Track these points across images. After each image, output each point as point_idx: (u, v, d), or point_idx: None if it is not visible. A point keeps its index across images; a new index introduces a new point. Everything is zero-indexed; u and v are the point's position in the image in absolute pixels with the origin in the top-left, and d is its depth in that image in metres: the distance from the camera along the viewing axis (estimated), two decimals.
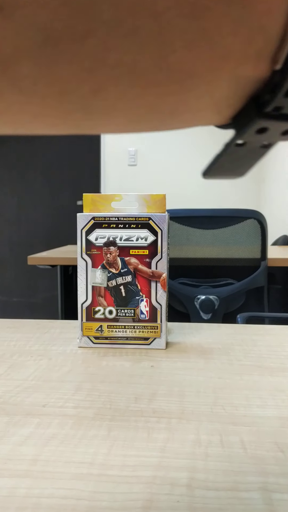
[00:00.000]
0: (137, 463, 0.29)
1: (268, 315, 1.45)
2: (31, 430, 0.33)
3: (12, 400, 0.38)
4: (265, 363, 0.47)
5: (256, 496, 0.25)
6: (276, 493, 0.26)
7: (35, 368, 0.46)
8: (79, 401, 0.38)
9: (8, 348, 0.53)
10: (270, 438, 0.32)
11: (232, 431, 0.33)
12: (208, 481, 0.27)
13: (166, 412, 0.36)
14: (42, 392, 0.40)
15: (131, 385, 0.41)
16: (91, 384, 0.41)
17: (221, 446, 0.31)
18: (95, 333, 0.53)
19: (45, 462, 0.29)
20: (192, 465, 0.28)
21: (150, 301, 0.53)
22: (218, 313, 1.56)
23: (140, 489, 0.26)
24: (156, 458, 0.29)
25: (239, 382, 0.42)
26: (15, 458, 0.29)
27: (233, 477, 0.27)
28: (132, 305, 0.53)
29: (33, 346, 0.53)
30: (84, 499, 0.25)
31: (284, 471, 0.28)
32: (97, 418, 0.35)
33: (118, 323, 0.53)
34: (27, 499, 0.25)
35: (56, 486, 0.26)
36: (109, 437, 0.32)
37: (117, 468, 0.28)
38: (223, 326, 0.64)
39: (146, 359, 0.49)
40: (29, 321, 0.66)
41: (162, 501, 0.25)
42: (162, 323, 0.53)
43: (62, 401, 0.38)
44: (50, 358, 0.49)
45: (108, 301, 0.53)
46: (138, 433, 0.32)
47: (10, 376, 0.43)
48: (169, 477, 0.27)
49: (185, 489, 0.26)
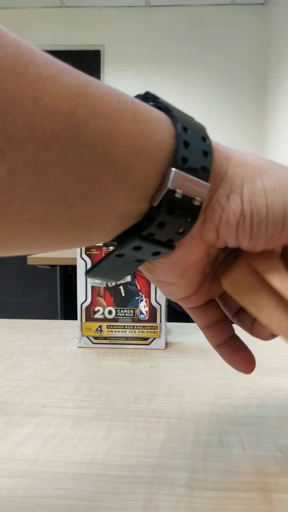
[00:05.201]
0: (137, 463, 0.29)
1: None
2: (30, 430, 0.33)
3: (12, 400, 0.38)
4: (265, 363, 0.47)
5: (256, 496, 0.25)
6: (275, 493, 0.26)
7: (34, 368, 0.46)
8: (79, 401, 0.38)
9: (8, 348, 0.53)
10: (269, 438, 0.32)
11: (231, 431, 0.33)
12: (208, 481, 0.27)
13: (165, 412, 0.36)
14: (42, 392, 0.40)
15: (130, 385, 0.41)
16: (90, 384, 0.41)
17: (221, 446, 0.31)
18: (95, 333, 0.53)
19: (44, 462, 0.29)
20: (191, 465, 0.28)
21: (149, 301, 0.53)
22: None
23: (140, 489, 0.26)
24: (155, 458, 0.29)
25: (238, 382, 0.42)
26: (14, 458, 0.29)
27: (233, 477, 0.27)
28: (131, 305, 0.53)
29: (33, 346, 0.53)
30: (84, 499, 0.25)
31: (283, 471, 0.28)
32: (96, 418, 0.35)
33: (117, 323, 0.53)
34: (26, 499, 0.25)
35: (56, 486, 0.26)
36: (109, 437, 0.32)
37: (116, 468, 0.28)
38: None
39: (146, 359, 0.49)
40: (28, 321, 0.65)
41: (161, 501, 0.25)
42: (161, 323, 0.53)
43: (62, 401, 0.38)
44: (50, 358, 0.49)
45: (107, 301, 0.53)
46: (137, 433, 0.32)
47: (9, 376, 0.43)
48: (169, 477, 0.27)
49: (184, 489, 0.26)
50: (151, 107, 0.18)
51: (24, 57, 0.13)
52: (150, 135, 0.17)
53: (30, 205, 0.15)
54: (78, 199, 0.16)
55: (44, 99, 0.14)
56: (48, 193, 0.15)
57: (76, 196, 0.15)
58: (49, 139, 0.14)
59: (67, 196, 0.15)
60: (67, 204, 0.15)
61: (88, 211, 0.16)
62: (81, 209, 0.16)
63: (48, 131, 0.14)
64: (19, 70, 0.13)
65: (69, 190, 0.15)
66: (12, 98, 0.13)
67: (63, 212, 0.16)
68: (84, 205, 0.16)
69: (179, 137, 0.18)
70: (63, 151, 0.14)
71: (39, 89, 0.14)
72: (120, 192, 0.17)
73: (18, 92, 0.13)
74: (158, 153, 0.17)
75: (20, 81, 0.13)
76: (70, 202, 0.15)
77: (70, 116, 0.14)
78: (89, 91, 0.15)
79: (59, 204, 0.15)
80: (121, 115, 0.16)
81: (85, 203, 0.16)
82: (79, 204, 0.16)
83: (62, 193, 0.15)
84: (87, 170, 0.15)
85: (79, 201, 0.16)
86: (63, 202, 0.15)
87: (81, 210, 0.16)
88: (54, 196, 0.15)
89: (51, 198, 0.15)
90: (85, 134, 0.15)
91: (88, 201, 0.16)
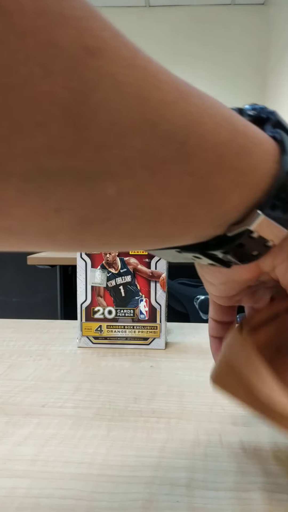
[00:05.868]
0: (137, 463, 0.29)
1: None
2: (30, 430, 0.33)
3: (12, 400, 0.38)
4: None
5: (256, 496, 0.25)
6: (275, 493, 0.26)
7: (34, 368, 0.46)
8: (79, 401, 0.38)
9: (8, 348, 0.52)
10: (269, 438, 0.32)
11: (231, 431, 0.33)
12: (208, 481, 0.27)
13: (165, 412, 0.36)
14: (42, 392, 0.40)
15: (130, 385, 0.41)
16: (90, 384, 0.41)
17: (221, 446, 0.31)
18: (95, 333, 0.53)
19: (44, 462, 0.29)
20: (191, 465, 0.28)
21: (149, 301, 0.53)
22: None
23: (140, 489, 0.26)
24: (155, 458, 0.29)
25: None
26: (14, 458, 0.29)
27: (233, 477, 0.27)
28: (131, 305, 0.53)
29: (33, 346, 0.53)
30: (84, 499, 0.25)
31: (283, 471, 0.28)
32: (96, 418, 0.35)
33: (117, 323, 0.53)
34: (26, 499, 0.25)
35: (56, 486, 0.26)
36: (109, 437, 0.32)
37: (116, 468, 0.28)
38: None
39: (146, 359, 0.49)
40: (28, 321, 0.65)
41: (161, 501, 0.25)
42: (161, 323, 0.53)
43: (62, 401, 0.38)
44: (50, 358, 0.49)
45: (107, 301, 0.53)
46: (137, 433, 0.32)
47: (9, 376, 0.43)
48: (169, 477, 0.27)
49: (184, 489, 0.26)
50: (262, 137, 0.18)
51: (150, 81, 0.13)
52: (250, 173, 0.17)
53: (125, 222, 0.15)
54: (168, 221, 0.16)
55: (161, 126, 0.14)
56: (144, 213, 0.15)
57: (167, 218, 0.16)
58: (158, 165, 0.14)
59: (159, 217, 0.16)
60: (156, 224, 0.16)
61: (172, 231, 0.17)
62: (167, 229, 0.17)
63: (159, 158, 0.14)
64: (145, 96, 0.13)
65: (162, 213, 0.16)
66: (134, 123, 0.13)
67: (151, 230, 0.17)
68: (170, 226, 0.17)
69: (277, 181, 0.18)
70: (168, 178, 0.15)
71: (159, 116, 0.14)
72: (206, 218, 0.17)
73: (141, 118, 0.13)
74: (252, 192, 0.18)
75: (144, 107, 0.13)
76: (160, 222, 0.16)
77: (182, 146, 0.14)
78: (204, 119, 0.15)
79: (150, 223, 0.16)
80: (228, 150, 0.16)
81: (172, 224, 0.17)
82: (167, 225, 0.17)
83: (155, 214, 0.16)
84: (184, 197, 0.16)
85: (168, 222, 0.17)
86: (154, 222, 0.16)
87: (167, 230, 0.17)
88: (148, 216, 0.16)
89: (145, 218, 0.16)
90: (191, 164, 0.15)
91: (175, 224, 0.17)
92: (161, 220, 0.16)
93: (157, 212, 0.16)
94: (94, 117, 0.12)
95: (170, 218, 0.16)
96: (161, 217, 0.16)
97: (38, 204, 0.13)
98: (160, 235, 0.17)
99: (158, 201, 0.15)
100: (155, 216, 0.16)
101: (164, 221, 0.16)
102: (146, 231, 0.17)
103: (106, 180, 0.13)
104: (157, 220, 0.16)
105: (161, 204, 0.15)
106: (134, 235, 0.17)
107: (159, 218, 0.16)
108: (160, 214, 0.16)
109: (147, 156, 0.14)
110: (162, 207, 0.16)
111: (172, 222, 0.17)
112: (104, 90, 0.12)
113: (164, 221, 0.16)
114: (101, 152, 0.13)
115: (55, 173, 0.12)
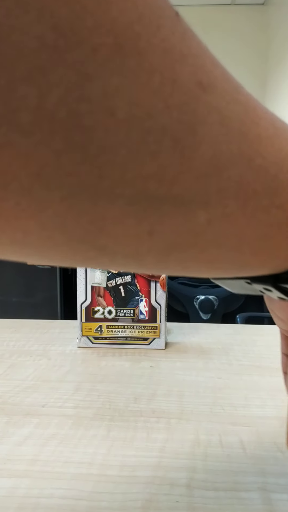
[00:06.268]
0: (137, 463, 0.29)
1: (267, 315, 1.44)
2: (30, 430, 0.33)
3: (12, 400, 0.38)
4: (265, 363, 0.47)
5: (255, 496, 0.25)
6: (275, 493, 0.26)
7: (34, 368, 0.46)
8: (79, 401, 0.38)
9: (8, 348, 0.53)
10: (269, 438, 0.32)
11: (231, 431, 0.33)
12: (208, 481, 0.27)
13: (165, 412, 0.36)
14: (42, 392, 0.40)
15: (130, 385, 0.41)
16: (90, 384, 0.41)
17: (221, 446, 0.31)
18: (95, 333, 0.53)
19: (44, 462, 0.29)
20: (191, 465, 0.28)
21: (149, 301, 0.53)
22: (218, 313, 1.56)
23: (140, 489, 0.26)
24: (155, 458, 0.29)
25: (238, 382, 0.42)
26: (14, 458, 0.29)
27: (232, 477, 0.27)
28: (131, 305, 0.53)
29: (33, 346, 0.53)
30: (84, 499, 0.25)
31: (283, 471, 0.28)
32: (96, 418, 0.35)
33: (117, 323, 0.53)
34: (26, 499, 0.25)
35: (56, 486, 0.26)
36: (109, 437, 0.32)
37: (116, 468, 0.28)
38: (223, 326, 0.64)
39: (146, 359, 0.49)
40: (28, 321, 0.65)
41: (161, 501, 0.25)
42: (161, 323, 0.53)
43: (62, 401, 0.38)
44: (50, 358, 0.49)
45: (107, 301, 0.53)
46: (137, 433, 0.32)
47: (9, 376, 0.43)
48: (169, 477, 0.27)
49: (184, 489, 0.26)
50: None
51: (250, 116, 0.14)
52: None
53: (209, 250, 0.16)
54: (249, 251, 0.17)
55: (256, 160, 0.14)
56: (228, 242, 0.16)
57: (249, 248, 0.17)
58: (250, 197, 0.15)
59: (242, 247, 0.16)
60: (237, 253, 0.17)
61: (252, 261, 0.18)
62: (247, 258, 0.17)
63: (250, 190, 0.15)
64: (244, 131, 0.14)
65: (246, 243, 0.16)
66: (232, 156, 0.14)
67: (232, 257, 0.17)
68: (250, 256, 0.17)
69: None
70: (257, 209, 0.15)
71: (255, 150, 0.14)
72: (286, 251, 0.18)
73: (239, 152, 0.14)
74: None
75: (242, 142, 0.14)
76: (242, 251, 0.17)
77: (274, 179, 0.15)
78: None
79: (232, 251, 0.17)
80: None
81: (253, 254, 0.17)
82: (247, 254, 0.17)
83: (239, 243, 0.16)
84: (269, 228, 0.16)
85: (249, 252, 0.17)
86: (235, 251, 0.17)
87: (247, 259, 0.17)
88: (231, 244, 0.16)
89: (228, 247, 0.16)
90: (281, 197, 0.16)
91: (255, 254, 0.17)
92: (243, 250, 0.17)
93: (240, 242, 0.16)
94: (199, 148, 0.13)
95: (251, 248, 0.17)
96: (243, 246, 0.17)
97: (133, 226, 0.13)
98: (238, 264, 0.18)
99: (245, 231, 0.16)
100: (238, 246, 0.16)
101: (245, 251, 0.17)
102: (226, 259, 0.17)
103: (200, 208, 0.14)
104: (238, 249, 0.17)
105: (246, 234, 0.16)
106: (214, 262, 0.17)
107: (241, 247, 0.17)
108: (243, 244, 0.16)
109: (241, 187, 0.14)
110: (246, 237, 0.16)
111: (252, 253, 0.17)
112: (211, 123, 0.13)
113: (245, 251, 0.17)
114: (200, 181, 0.13)
115: (156, 199, 0.13)
